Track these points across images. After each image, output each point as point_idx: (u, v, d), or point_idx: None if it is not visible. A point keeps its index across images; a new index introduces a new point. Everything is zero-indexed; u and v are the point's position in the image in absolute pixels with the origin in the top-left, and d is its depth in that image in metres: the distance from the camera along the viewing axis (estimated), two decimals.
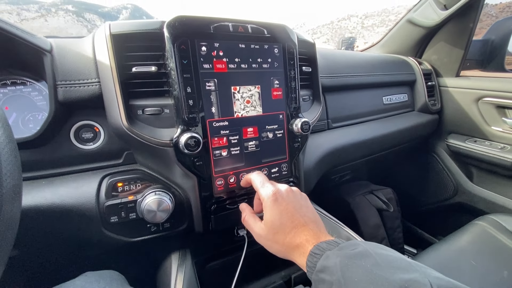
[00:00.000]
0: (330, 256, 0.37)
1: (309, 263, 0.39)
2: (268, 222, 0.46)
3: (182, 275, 0.57)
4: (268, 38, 0.60)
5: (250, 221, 0.50)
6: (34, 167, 0.52)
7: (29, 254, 0.53)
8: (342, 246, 0.38)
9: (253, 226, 0.49)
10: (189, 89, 0.52)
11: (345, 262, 0.34)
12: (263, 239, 0.47)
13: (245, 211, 0.53)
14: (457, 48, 1.20)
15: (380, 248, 0.37)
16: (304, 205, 0.49)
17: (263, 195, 0.48)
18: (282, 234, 0.44)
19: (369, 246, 0.38)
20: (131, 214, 0.54)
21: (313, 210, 0.50)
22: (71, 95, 0.52)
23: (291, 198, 0.48)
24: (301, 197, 0.51)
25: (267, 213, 0.46)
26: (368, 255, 0.35)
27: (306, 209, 0.48)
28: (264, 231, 0.46)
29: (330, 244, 0.40)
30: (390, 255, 0.35)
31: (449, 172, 1.27)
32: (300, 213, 0.46)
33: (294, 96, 0.65)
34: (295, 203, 0.47)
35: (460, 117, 1.20)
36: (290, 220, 0.44)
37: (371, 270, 0.32)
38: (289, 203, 0.46)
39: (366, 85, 1.00)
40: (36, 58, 0.52)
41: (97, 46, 0.53)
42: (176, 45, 0.50)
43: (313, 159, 0.77)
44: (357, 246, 0.37)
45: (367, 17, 14.93)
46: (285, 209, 0.45)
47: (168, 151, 0.52)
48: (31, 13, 13.96)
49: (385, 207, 1.08)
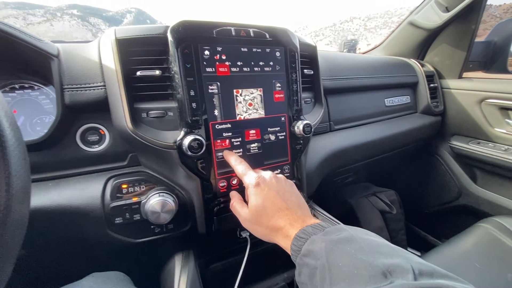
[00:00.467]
0: (316, 240, 0.37)
1: (294, 246, 0.40)
2: (252, 207, 0.47)
3: (186, 276, 0.58)
4: (270, 41, 0.61)
5: (237, 206, 0.52)
6: (41, 169, 0.53)
7: (36, 255, 0.54)
8: (327, 230, 0.39)
9: (240, 211, 0.50)
10: (193, 92, 0.53)
11: (330, 246, 0.34)
12: (248, 223, 0.49)
13: (234, 197, 0.55)
14: (459, 50, 1.19)
15: (365, 234, 0.38)
16: (288, 190, 0.50)
17: (247, 182, 0.49)
18: (266, 217, 0.45)
19: (354, 231, 0.37)
20: (135, 216, 0.54)
21: (298, 194, 0.51)
22: (78, 99, 0.53)
23: (274, 184, 0.49)
24: (286, 183, 0.52)
25: (251, 198, 0.48)
26: (353, 240, 0.35)
27: (290, 194, 0.49)
28: (248, 215, 0.48)
29: (315, 228, 0.40)
30: (375, 241, 0.35)
31: (452, 174, 1.26)
32: (283, 197, 0.47)
33: (296, 99, 0.65)
34: (278, 188, 0.49)
35: (463, 119, 1.19)
36: (273, 204, 0.46)
37: (355, 255, 0.32)
38: (271, 188, 0.48)
39: (368, 87, 1.00)
40: (43, 62, 0.53)
41: (103, 51, 0.54)
42: (179, 49, 0.51)
43: (315, 161, 0.78)
44: (342, 231, 0.37)
45: (370, 19, 15.00)
46: (267, 194, 0.47)
47: (172, 153, 0.53)
48: (37, 17, 14.22)
49: (388, 209, 1.07)
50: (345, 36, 1.56)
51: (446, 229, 1.36)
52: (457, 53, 1.20)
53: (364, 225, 1.03)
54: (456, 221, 1.32)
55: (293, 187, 0.53)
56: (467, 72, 1.23)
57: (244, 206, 0.50)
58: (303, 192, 0.71)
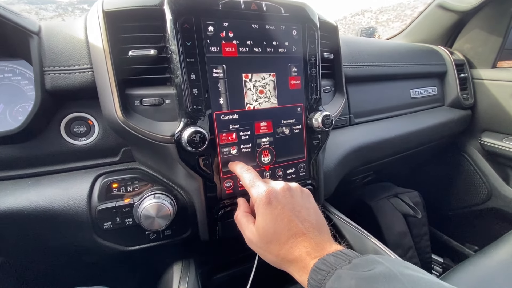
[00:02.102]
0: (342, 276, 0.30)
1: (312, 281, 0.32)
2: (260, 229, 0.39)
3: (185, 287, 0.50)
4: (286, 17, 0.52)
5: (242, 221, 0.43)
6: (19, 165, 0.47)
7: (15, 263, 0.47)
8: (355, 263, 0.31)
9: (244, 228, 0.42)
10: (193, 76, 0.45)
11: (362, 286, 0.28)
12: (254, 246, 0.41)
13: (240, 207, 0.46)
14: (494, 35, 1.08)
15: (405, 267, 0.30)
16: (304, 207, 0.41)
17: (255, 195, 0.41)
18: (277, 245, 0.37)
19: (391, 263, 0.30)
20: (127, 220, 0.48)
21: (316, 211, 0.42)
22: (61, 83, 0.46)
23: (288, 199, 0.40)
24: (301, 196, 0.43)
25: (259, 217, 0.39)
26: (393, 277, 0.28)
27: (307, 212, 0.41)
28: (255, 238, 0.40)
29: (338, 257, 0.33)
30: (421, 277, 0.28)
31: (482, 174, 1.15)
32: (299, 218, 0.39)
33: (315, 86, 0.57)
34: (293, 204, 0.40)
35: (497, 113, 1.09)
36: (287, 228, 0.37)
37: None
38: (285, 206, 0.39)
39: (392, 76, 0.90)
40: (22, 41, 0.46)
41: (89, 27, 0.47)
42: (178, 24, 0.43)
43: (333, 158, 0.69)
44: (375, 264, 0.30)
45: (382, 12, 14.53)
46: (280, 214, 0.38)
47: (170, 147, 0.46)
48: (49, 12, 14.40)
49: (412, 213, 0.98)
50: (356, 30, 1.45)
51: (472, 234, 1.26)
52: (491, 39, 1.09)
53: (385, 230, 0.94)
54: (484, 226, 1.21)
55: (310, 200, 0.44)
56: (502, 61, 1.12)
57: (251, 222, 0.42)
58: (319, 195, 0.62)
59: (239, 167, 0.47)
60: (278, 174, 0.56)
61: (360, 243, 0.61)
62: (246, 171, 0.45)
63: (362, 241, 0.61)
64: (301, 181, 0.58)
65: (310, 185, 0.60)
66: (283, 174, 0.56)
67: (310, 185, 0.60)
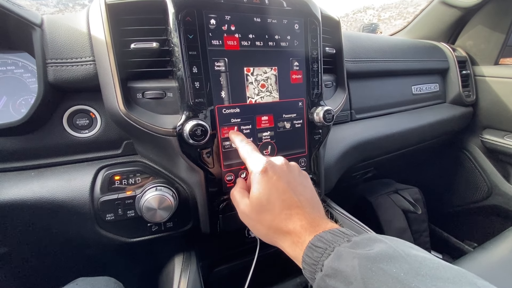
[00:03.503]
0: (343, 255, 0.28)
1: (308, 258, 0.31)
2: (254, 198, 0.38)
3: (186, 280, 0.51)
4: (288, 11, 0.52)
5: (237, 196, 0.42)
6: (22, 157, 0.47)
7: (18, 254, 0.48)
8: (356, 241, 0.30)
9: (239, 202, 0.41)
10: (195, 69, 0.45)
11: (366, 266, 0.26)
12: (247, 218, 0.40)
13: (237, 185, 0.46)
14: (497, 32, 1.07)
15: (409, 247, 0.29)
16: (301, 184, 0.40)
17: (251, 166, 0.40)
18: (270, 214, 0.36)
19: (394, 243, 0.29)
20: (129, 212, 0.48)
21: (313, 190, 0.42)
22: (63, 76, 0.46)
23: (285, 172, 0.39)
24: (300, 174, 0.42)
25: (254, 187, 0.38)
26: (398, 257, 0.26)
27: (303, 188, 0.40)
28: (248, 208, 0.39)
29: (335, 234, 0.31)
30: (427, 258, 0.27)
31: (482, 171, 1.15)
32: (294, 192, 0.38)
33: (316, 81, 0.57)
34: (289, 178, 0.39)
35: (498, 110, 1.08)
36: (281, 198, 0.36)
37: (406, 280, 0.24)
38: (281, 177, 0.38)
39: (394, 72, 0.90)
40: (24, 33, 0.46)
41: (92, 20, 0.47)
42: (180, 17, 0.43)
43: (334, 154, 0.69)
44: (377, 242, 0.29)
45: (384, 9, 14.43)
46: (275, 184, 0.37)
47: (171, 140, 0.46)
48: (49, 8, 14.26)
49: (412, 209, 0.98)
50: (358, 28, 1.44)
51: (472, 231, 1.26)
52: (494, 36, 1.07)
53: (385, 226, 0.94)
54: (484, 223, 1.21)
55: (308, 180, 0.43)
56: (504, 58, 1.11)
57: (245, 196, 0.41)
58: (319, 189, 0.62)
59: (239, 139, 0.46)
60: None
61: None
62: (245, 143, 0.44)
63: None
64: None
65: (310, 179, 0.60)
66: None
67: (311, 180, 0.60)
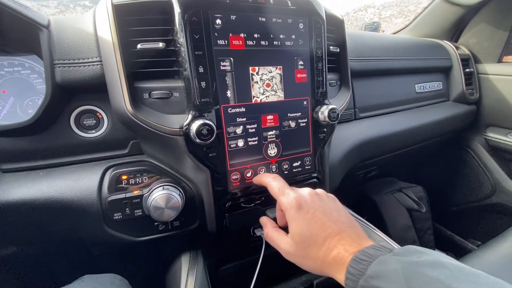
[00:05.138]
0: (387, 261, 0.31)
1: (352, 269, 0.32)
2: (296, 235, 0.39)
3: (193, 278, 0.52)
4: (293, 10, 0.52)
5: (274, 236, 0.44)
6: (31, 157, 0.47)
7: (27, 252, 0.48)
8: (397, 251, 0.32)
9: (279, 242, 0.42)
10: (201, 69, 0.45)
11: (409, 269, 0.28)
12: (293, 256, 0.40)
13: (267, 225, 0.47)
14: (501, 30, 1.07)
15: (449, 258, 0.31)
16: (335, 209, 0.42)
17: (285, 204, 0.42)
18: (315, 247, 0.37)
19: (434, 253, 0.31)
20: (136, 211, 0.48)
21: (346, 212, 0.43)
22: (70, 76, 0.47)
23: (317, 203, 0.41)
24: (329, 200, 0.44)
25: (293, 224, 0.40)
26: (439, 264, 0.29)
27: (338, 213, 0.41)
28: (292, 247, 0.40)
29: (378, 249, 0.33)
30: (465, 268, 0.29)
31: (486, 169, 1.15)
32: (331, 219, 0.39)
33: (321, 80, 0.57)
34: (323, 207, 0.41)
35: (502, 108, 1.07)
36: (322, 229, 0.38)
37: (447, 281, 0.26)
38: (316, 209, 0.40)
39: (397, 70, 0.90)
40: (32, 34, 0.47)
41: (98, 20, 0.47)
42: (186, 17, 0.43)
43: (339, 152, 0.69)
44: (418, 253, 0.31)
45: (385, 7, 14.24)
46: (312, 217, 0.39)
47: (178, 140, 0.46)
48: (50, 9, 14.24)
49: (417, 207, 0.98)
50: (359, 26, 1.44)
51: (475, 229, 1.25)
52: (498, 34, 1.07)
53: (389, 224, 0.94)
54: (488, 221, 1.21)
55: (337, 202, 0.45)
56: (508, 55, 1.10)
57: (283, 235, 0.42)
58: (325, 189, 0.63)
59: (266, 177, 0.48)
60: (284, 167, 0.56)
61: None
62: (273, 180, 0.46)
63: (367, 234, 0.61)
64: (306, 174, 0.59)
65: (315, 178, 0.60)
66: (289, 167, 0.57)
67: (316, 178, 0.60)
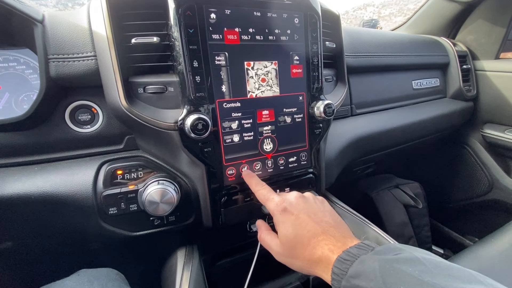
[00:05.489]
0: (366, 260, 0.32)
1: (336, 269, 0.33)
2: (283, 237, 0.40)
3: (189, 273, 0.52)
4: (288, 5, 0.52)
5: (266, 239, 0.45)
6: (25, 152, 0.47)
7: (22, 247, 0.48)
8: (378, 250, 0.33)
9: (271, 244, 0.44)
10: (196, 64, 0.45)
11: (385, 266, 0.29)
12: (282, 257, 0.42)
13: (261, 228, 0.48)
14: (498, 26, 1.07)
15: (427, 254, 0.32)
16: (320, 210, 0.43)
17: (271, 208, 0.43)
18: (300, 248, 0.38)
19: (413, 250, 0.32)
20: (131, 206, 0.48)
21: (332, 212, 0.44)
22: (65, 71, 0.46)
23: (301, 205, 0.42)
24: (315, 201, 0.45)
25: (279, 227, 0.41)
26: (415, 260, 0.30)
27: (322, 214, 0.42)
28: (281, 248, 0.41)
29: (361, 248, 0.34)
30: (442, 262, 0.30)
31: (483, 166, 1.15)
32: (315, 220, 0.40)
33: (317, 75, 0.57)
34: (308, 209, 0.42)
35: (499, 105, 1.08)
36: (306, 230, 0.39)
37: (420, 276, 0.27)
38: (301, 211, 0.41)
39: (394, 66, 0.90)
40: (26, 29, 0.46)
41: (93, 15, 0.47)
42: (181, 11, 0.43)
43: (335, 148, 0.69)
44: (397, 250, 0.32)
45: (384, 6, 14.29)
46: (297, 218, 0.40)
47: (173, 135, 0.46)
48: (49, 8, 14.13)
49: (413, 203, 0.98)
50: (358, 25, 1.44)
51: (472, 225, 1.26)
52: (495, 30, 1.07)
53: (386, 220, 0.94)
54: (485, 217, 1.22)
55: (325, 204, 0.46)
56: (505, 52, 1.11)
57: (274, 237, 0.44)
58: (320, 184, 0.63)
59: (254, 182, 0.48)
60: (280, 162, 0.56)
61: (362, 231, 0.61)
62: (261, 187, 0.47)
63: (363, 229, 0.62)
64: (302, 169, 0.59)
65: (311, 173, 0.60)
66: (285, 162, 0.57)
67: (312, 174, 0.60)
